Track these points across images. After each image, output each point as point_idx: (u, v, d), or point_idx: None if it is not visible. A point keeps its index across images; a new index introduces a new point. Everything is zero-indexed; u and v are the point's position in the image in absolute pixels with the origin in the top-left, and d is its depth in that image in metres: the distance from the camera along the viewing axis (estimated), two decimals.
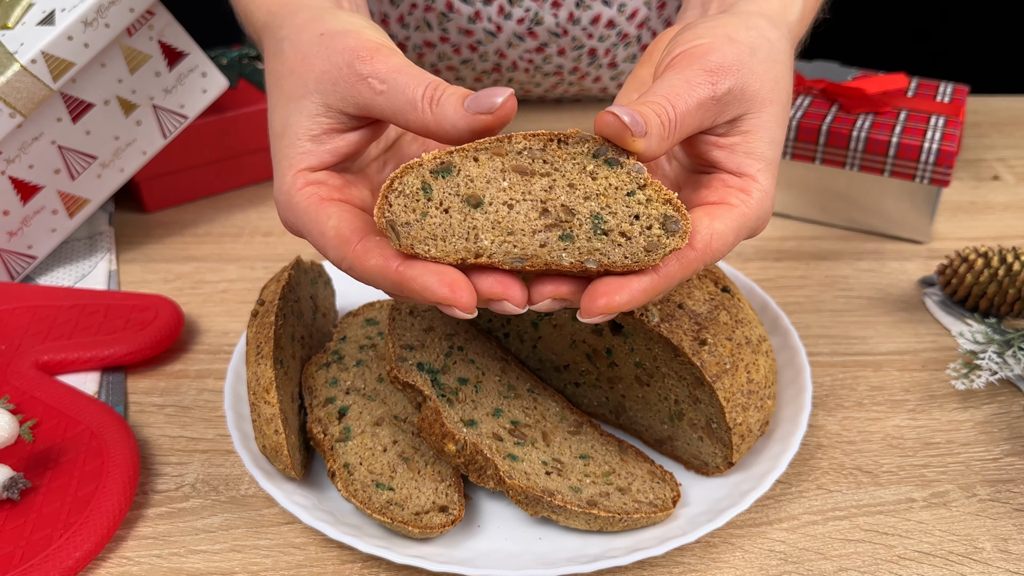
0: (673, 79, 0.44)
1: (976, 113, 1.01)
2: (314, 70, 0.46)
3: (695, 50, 0.46)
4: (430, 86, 0.43)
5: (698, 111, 0.44)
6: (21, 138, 0.69)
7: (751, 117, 0.46)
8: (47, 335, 0.66)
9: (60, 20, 0.67)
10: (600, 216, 0.41)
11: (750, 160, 0.46)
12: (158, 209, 0.85)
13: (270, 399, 0.52)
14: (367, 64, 0.44)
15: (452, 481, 0.52)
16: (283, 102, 0.47)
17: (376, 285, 0.43)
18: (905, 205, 0.78)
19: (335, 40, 0.46)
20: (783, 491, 0.56)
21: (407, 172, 0.41)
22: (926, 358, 0.67)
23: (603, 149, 0.41)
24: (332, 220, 0.44)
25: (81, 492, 0.53)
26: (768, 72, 0.47)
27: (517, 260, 0.41)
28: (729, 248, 0.44)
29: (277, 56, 0.49)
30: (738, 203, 0.45)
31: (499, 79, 0.96)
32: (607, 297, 0.41)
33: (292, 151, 0.46)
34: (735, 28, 0.47)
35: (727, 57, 0.45)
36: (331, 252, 0.44)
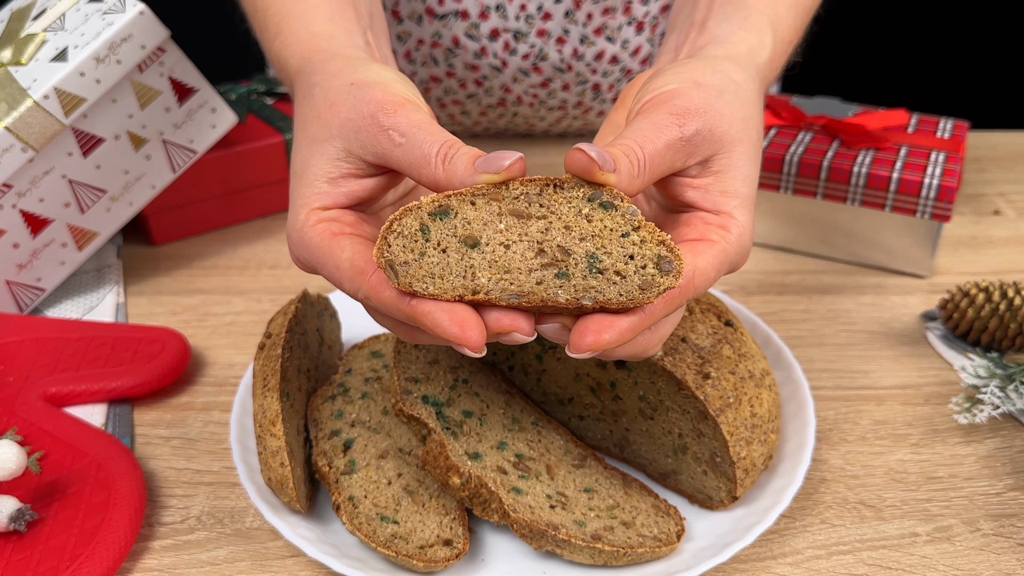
0: (641, 123, 0.45)
1: (977, 148, 1.01)
2: (339, 116, 0.47)
3: (662, 95, 0.47)
4: (445, 144, 0.44)
5: (667, 152, 0.45)
6: (32, 172, 0.69)
7: (721, 157, 0.47)
8: (55, 367, 0.67)
9: (73, 57, 0.68)
10: (595, 256, 0.42)
11: (725, 198, 0.47)
12: (166, 242, 0.85)
13: (276, 432, 0.52)
14: (390, 117, 0.46)
15: (456, 514, 0.53)
16: (306, 144, 0.49)
17: (389, 315, 0.44)
18: (907, 240, 0.78)
19: (363, 91, 0.47)
20: (787, 525, 0.56)
21: (406, 214, 0.42)
22: (929, 392, 0.67)
23: (598, 194, 0.42)
24: (346, 252, 0.45)
25: (87, 524, 0.54)
26: (736, 113, 0.48)
27: (513, 297, 0.42)
28: (711, 283, 0.45)
29: (307, 100, 0.50)
30: (718, 239, 0.46)
31: (504, 113, 0.97)
32: (595, 335, 0.42)
33: (308, 191, 0.47)
34: (701, 72, 0.49)
35: (693, 101, 0.46)
36: (346, 284, 0.45)
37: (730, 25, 0.55)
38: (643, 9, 0.90)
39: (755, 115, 0.50)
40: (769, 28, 0.55)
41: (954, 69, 1.82)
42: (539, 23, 0.88)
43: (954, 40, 1.80)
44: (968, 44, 1.81)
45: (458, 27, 0.88)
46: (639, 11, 0.90)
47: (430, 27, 0.89)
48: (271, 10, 0.57)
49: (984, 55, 1.81)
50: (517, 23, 0.87)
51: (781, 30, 0.56)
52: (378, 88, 0.47)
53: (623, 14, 0.89)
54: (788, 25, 0.57)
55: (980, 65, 1.82)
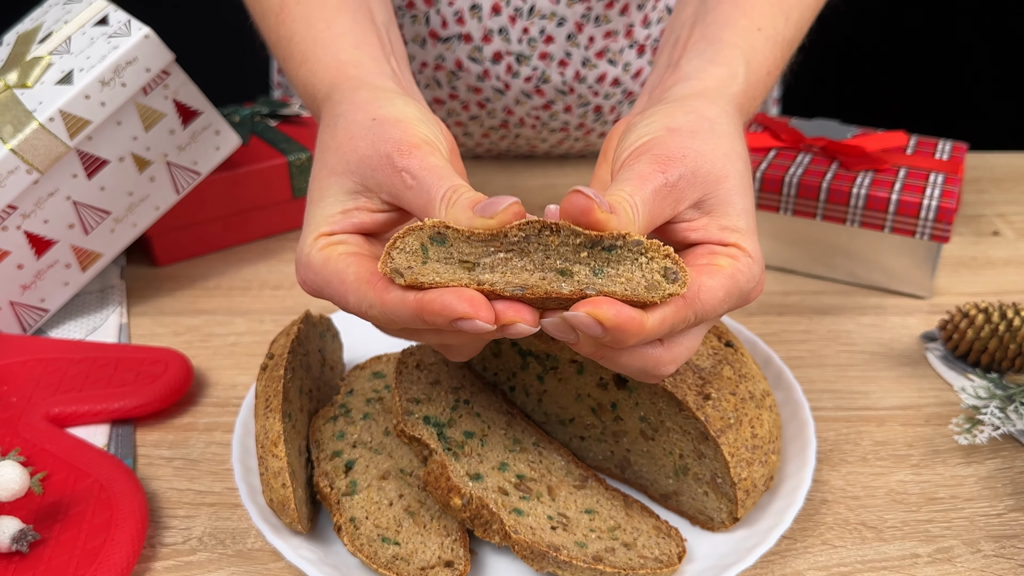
0: (626, 174, 0.46)
1: (976, 169, 1.02)
2: (358, 152, 0.48)
3: (640, 148, 0.48)
4: (451, 189, 0.45)
5: (655, 199, 0.45)
6: (37, 194, 0.70)
7: (711, 197, 0.47)
8: (58, 388, 0.67)
9: (78, 80, 0.69)
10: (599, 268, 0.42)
11: (727, 233, 0.47)
12: (169, 263, 0.86)
13: (278, 452, 0.52)
14: (404, 159, 0.46)
15: (458, 536, 0.53)
16: (324, 174, 0.50)
17: (397, 319, 0.44)
18: (906, 261, 0.79)
19: (383, 128, 0.48)
20: (788, 547, 0.56)
21: (409, 233, 0.42)
22: (929, 413, 0.67)
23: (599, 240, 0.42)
24: (352, 268, 0.46)
25: (90, 545, 0.54)
26: (715, 150, 0.48)
27: (517, 289, 0.42)
28: (720, 304, 0.45)
29: (330, 130, 0.51)
30: (726, 264, 0.46)
31: (506, 135, 0.98)
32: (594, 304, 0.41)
33: (321, 218, 0.48)
34: (672, 117, 0.49)
35: (671, 147, 0.47)
36: (352, 296, 0.45)
37: (700, 61, 0.55)
38: (644, 32, 0.90)
39: (736, 147, 0.50)
40: (742, 60, 0.55)
41: (953, 91, 1.83)
42: (541, 46, 0.88)
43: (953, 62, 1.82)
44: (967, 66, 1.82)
45: (461, 50, 0.89)
46: (640, 34, 0.90)
47: (433, 50, 0.89)
48: (295, 38, 0.58)
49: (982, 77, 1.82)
50: (520, 46, 0.88)
51: (756, 61, 0.56)
52: (398, 128, 0.48)
53: (625, 37, 0.90)
54: (764, 56, 0.57)
55: (979, 87, 1.83)
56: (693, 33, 0.57)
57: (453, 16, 0.87)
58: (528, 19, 0.87)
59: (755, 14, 0.57)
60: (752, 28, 0.57)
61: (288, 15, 0.59)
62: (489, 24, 0.87)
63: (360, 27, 0.57)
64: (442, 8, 0.87)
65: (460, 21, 0.87)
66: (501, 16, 0.87)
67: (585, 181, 0.98)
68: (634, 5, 0.89)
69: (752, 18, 0.57)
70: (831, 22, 0.66)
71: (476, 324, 0.41)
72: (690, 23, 0.58)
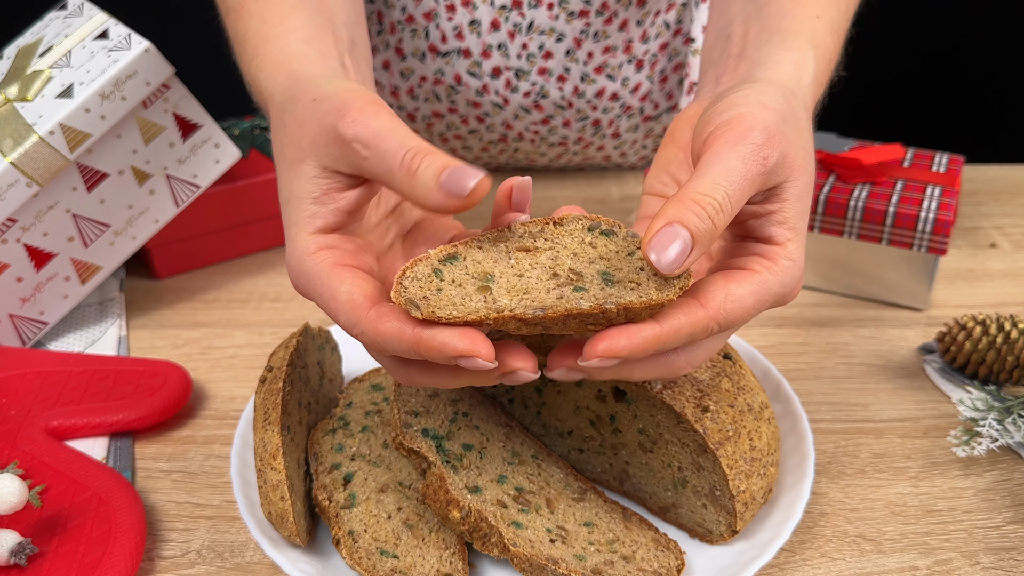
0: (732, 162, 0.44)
1: (973, 182, 1.02)
2: (308, 135, 0.47)
3: (736, 120, 0.46)
4: (408, 153, 0.44)
5: (750, 188, 0.44)
6: (37, 207, 0.70)
7: (789, 185, 0.47)
8: (57, 400, 0.67)
9: (78, 93, 0.69)
10: (607, 272, 0.43)
11: (780, 229, 0.47)
12: (168, 275, 0.86)
13: (277, 465, 0.52)
14: (350, 127, 0.45)
15: (456, 548, 0.53)
16: (285, 169, 0.49)
17: (390, 350, 0.43)
18: (904, 273, 0.79)
19: (324, 103, 0.47)
20: (787, 559, 0.56)
21: (417, 263, 0.42)
22: (927, 425, 0.67)
23: (596, 224, 0.43)
24: (345, 285, 0.45)
25: (88, 558, 0.54)
26: (798, 139, 0.47)
27: (538, 310, 0.41)
28: (747, 312, 0.44)
29: (280, 127, 0.50)
30: (760, 269, 0.45)
31: (505, 149, 0.98)
32: (608, 340, 0.41)
33: (298, 215, 0.47)
34: (765, 96, 0.48)
35: (770, 126, 0.45)
36: (342, 317, 0.44)
37: (770, 48, 0.54)
38: (643, 47, 0.91)
39: (811, 144, 0.49)
40: (810, 45, 0.54)
41: (950, 104, 1.83)
42: (540, 62, 0.89)
43: (950, 75, 1.82)
44: (964, 79, 1.82)
45: (460, 65, 0.89)
46: (639, 49, 0.91)
47: (433, 64, 0.90)
48: (249, 34, 0.58)
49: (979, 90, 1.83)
50: (519, 62, 0.89)
51: (820, 47, 0.55)
52: (336, 98, 0.47)
53: (623, 52, 0.91)
54: (827, 44, 0.56)
55: (976, 100, 1.83)
56: (751, 27, 0.56)
57: (452, 31, 0.87)
58: (527, 35, 0.87)
59: (812, 4, 0.56)
60: (811, 16, 0.56)
61: (246, 11, 0.58)
62: (488, 39, 0.87)
63: (313, 24, 0.56)
64: (441, 23, 0.87)
65: (459, 36, 0.88)
66: (500, 32, 0.87)
67: (584, 195, 0.99)
68: (633, 21, 0.89)
69: (809, 7, 0.56)
70: None
71: (476, 362, 0.41)
72: (742, 18, 0.57)
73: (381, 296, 0.45)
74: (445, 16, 0.87)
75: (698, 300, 0.44)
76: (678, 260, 0.41)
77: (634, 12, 0.89)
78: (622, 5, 0.87)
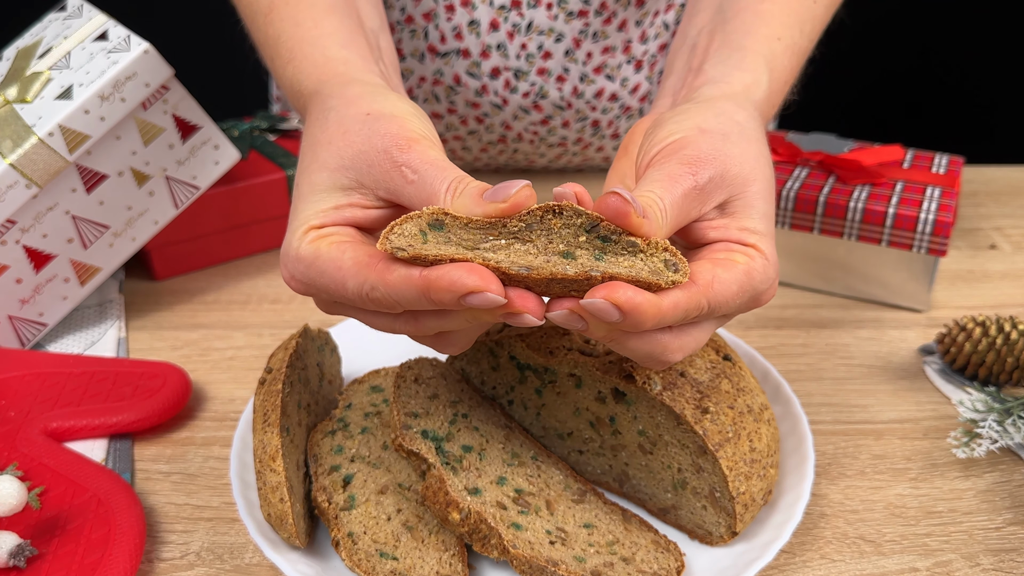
0: (655, 174, 0.46)
1: (973, 183, 1.02)
2: (353, 147, 0.47)
3: (671, 146, 0.48)
4: (455, 180, 0.44)
5: (684, 201, 0.45)
6: (36, 208, 0.70)
7: (737, 199, 0.48)
8: (56, 402, 0.67)
9: (77, 95, 0.69)
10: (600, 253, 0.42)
11: (746, 234, 0.47)
12: (167, 277, 0.86)
13: (276, 467, 0.52)
14: (404, 153, 0.46)
15: (456, 550, 0.53)
16: (315, 167, 0.48)
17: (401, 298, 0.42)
18: (903, 274, 0.79)
19: (379, 123, 0.47)
20: (787, 561, 0.56)
21: (407, 220, 0.42)
22: (927, 426, 0.67)
23: (597, 226, 0.42)
24: (348, 253, 0.44)
25: (87, 560, 0.53)
26: (744, 153, 0.48)
27: (522, 268, 0.41)
28: (732, 297, 0.45)
29: (320, 123, 0.50)
30: (743, 260, 0.46)
31: (504, 149, 0.98)
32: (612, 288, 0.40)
33: (309, 213, 0.47)
34: (704, 117, 0.49)
35: (702, 148, 0.47)
36: (351, 281, 0.44)
37: (725, 67, 0.56)
38: (642, 48, 0.91)
39: (763, 152, 0.50)
40: (765, 67, 0.56)
41: (949, 105, 1.83)
42: (539, 62, 0.89)
43: (949, 76, 1.82)
44: (963, 80, 1.83)
45: (460, 65, 0.89)
46: (638, 50, 0.91)
47: (432, 65, 0.90)
48: (283, 37, 0.58)
49: (979, 91, 1.83)
50: (518, 62, 0.89)
51: (777, 70, 0.57)
52: (394, 122, 0.47)
53: (622, 53, 0.91)
54: (784, 66, 0.58)
55: (975, 101, 1.84)
56: (713, 40, 0.58)
57: (451, 31, 0.87)
58: (526, 35, 0.87)
59: (775, 24, 0.58)
60: (772, 37, 0.57)
61: (276, 15, 0.59)
62: (487, 40, 0.87)
63: (347, 28, 0.57)
64: (440, 23, 0.87)
65: (458, 36, 0.88)
66: (499, 32, 0.87)
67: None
68: (632, 21, 0.89)
69: (772, 28, 0.58)
70: (827, 37, 0.67)
71: (487, 297, 0.40)
72: (708, 30, 0.59)
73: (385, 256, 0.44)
74: (444, 16, 0.87)
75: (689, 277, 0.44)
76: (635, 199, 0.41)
77: (633, 12, 0.89)
78: (621, 5, 0.88)
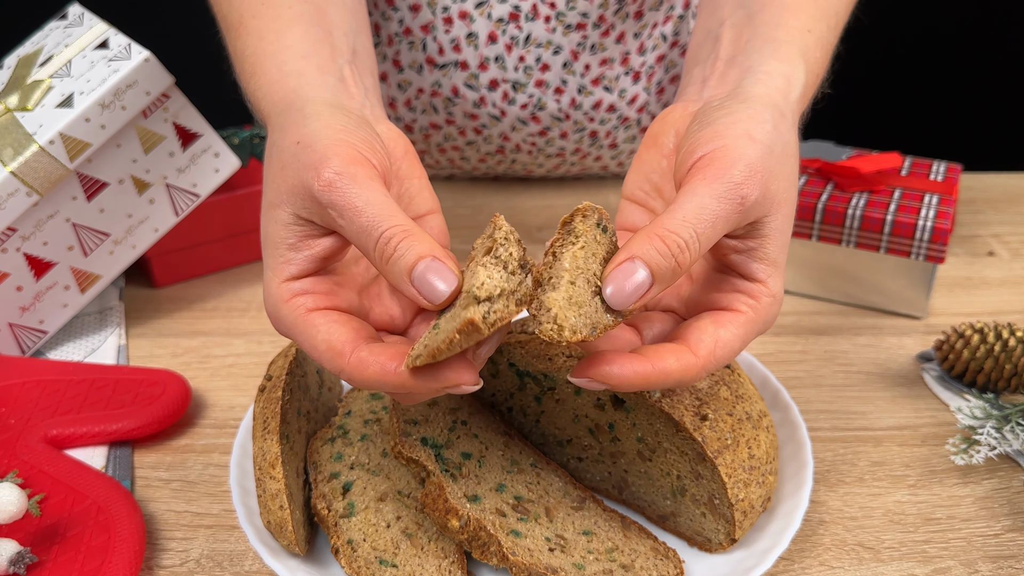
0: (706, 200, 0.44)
1: (971, 190, 1.03)
2: (287, 182, 0.47)
3: (717, 153, 0.46)
4: (382, 238, 0.44)
5: (725, 227, 0.44)
6: (37, 216, 0.70)
7: (769, 220, 0.47)
8: (56, 409, 0.67)
9: (78, 103, 0.69)
10: None
11: (763, 266, 0.47)
12: (168, 284, 0.86)
13: (276, 474, 0.52)
14: (325, 193, 0.45)
15: (455, 558, 0.53)
16: (265, 208, 0.49)
17: (379, 391, 0.45)
18: (902, 281, 0.79)
19: (305, 153, 0.47)
20: (786, 568, 0.56)
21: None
22: (926, 433, 0.67)
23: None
24: (320, 333, 0.45)
25: (87, 567, 0.54)
26: (783, 170, 0.47)
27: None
28: (735, 353, 0.46)
29: (268, 159, 0.50)
30: (746, 310, 0.46)
31: (503, 160, 0.98)
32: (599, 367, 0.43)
33: (274, 260, 0.48)
34: (752, 124, 0.47)
35: (752, 163, 0.45)
36: (326, 364, 0.45)
37: (762, 55, 0.54)
38: (640, 60, 0.91)
39: (796, 170, 0.49)
40: (800, 59, 0.54)
41: (947, 112, 1.84)
42: (537, 74, 0.89)
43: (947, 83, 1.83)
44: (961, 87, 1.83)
45: (458, 77, 0.89)
46: (636, 62, 0.91)
47: (430, 76, 0.90)
48: (247, 52, 0.57)
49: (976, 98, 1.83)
50: (516, 74, 0.89)
51: (811, 62, 0.55)
52: (316, 151, 0.46)
53: (620, 65, 0.91)
54: (816, 59, 0.56)
55: (973, 108, 1.84)
56: (742, 33, 0.56)
57: (450, 44, 0.88)
58: (524, 47, 0.88)
59: (803, 16, 0.56)
60: (803, 29, 0.56)
61: (244, 29, 0.58)
62: (485, 52, 0.88)
63: (310, 38, 0.56)
64: (439, 35, 0.88)
65: (456, 49, 0.88)
66: (497, 44, 0.87)
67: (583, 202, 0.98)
68: (630, 33, 0.89)
69: (801, 20, 0.56)
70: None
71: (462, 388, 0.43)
72: (731, 23, 0.57)
73: (358, 337, 0.45)
74: (442, 29, 0.87)
75: (689, 347, 0.45)
76: (632, 296, 0.42)
77: (631, 24, 0.89)
78: (619, 18, 0.88)
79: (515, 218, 0.96)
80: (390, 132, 0.54)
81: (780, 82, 0.52)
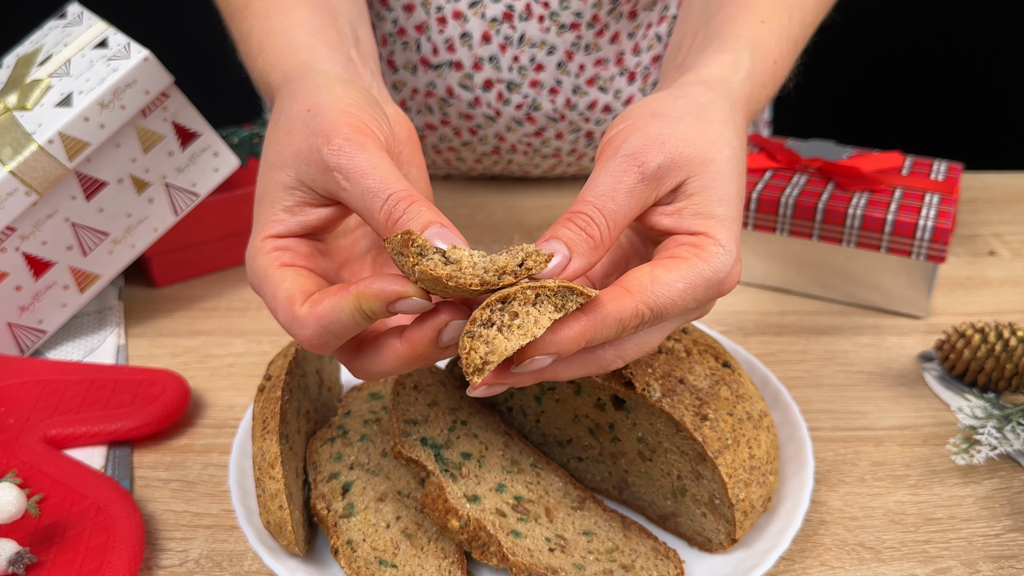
0: (601, 177, 0.46)
1: (971, 189, 1.02)
2: (293, 145, 0.47)
3: (618, 135, 0.47)
4: (391, 199, 0.44)
5: (630, 199, 0.45)
6: (36, 215, 0.70)
7: (693, 180, 0.47)
8: (55, 409, 0.67)
9: (77, 102, 0.69)
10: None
11: (699, 219, 0.46)
12: (167, 284, 0.86)
13: (275, 474, 0.52)
14: (335, 156, 0.45)
15: (455, 558, 0.53)
16: (265, 170, 0.49)
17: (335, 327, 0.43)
18: (903, 281, 0.79)
19: (315, 120, 0.47)
20: (787, 568, 0.56)
21: None
22: (926, 433, 0.67)
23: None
24: (286, 283, 0.45)
25: (86, 568, 0.53)
26: (701, 135, 0.47)
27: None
28: (677, 296, 0.44)
29: (273, 122, 0.50)
30: (688, 256, 0.45)
31: (498, 160, 0.98)
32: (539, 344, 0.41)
33: (265, 217, 0.48)
34: (660, 102, 0.49)
35: (649, 134, 0.46)
36: (280, 314, 0.45)
37: (704, 54, 0.55)
38: (635, 60, 0.91)
39: (726, 134, 0.49)
40: (746, 47, 0.55)
41: (948, 111, 1.84)
42: (532, 74, 0.89)
43: (948, 83, 1.83)
44: (962, 86, 1.83)
45: (452, 77, 0.89)
46: (631, 62, 0.91)
47: (425, 77, 0.90)
48: (254, 31, 0.58)
49: (978, 97, 1.83)
50: (510, 74, 0.89)
51: (762, 49, 0.55)
52: (329, 117, 0.47)
53: (615, 65, 0.91)
54: (770, 45, 0.56)
55: (974, 107, 1.84)
56: (697, 36, 0.57)
57: (444, 44, 0.88)
58: (518, 47, 0.87)
59: (759, 10, 0.57)
60: (755, 20, 0.56)
61: (250, 11, 0.59)
62: (480, 52, 0.88)
63: (317, 18, 0.56)
64: (433, 36, 0.87)
65: (451, 49, 0.88)
66: (491, 44, 0.87)
67: None
68: (624, 33, 0.89)
69: (755, 13, 0.57)
70: (828, 44, 0.67)
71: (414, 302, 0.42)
72: (693, 30, 0.58)
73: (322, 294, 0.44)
74: (436, 29, 0.87)
75: (623, 286, 0.43)
76: (555, 269, 0.43)
77: (625, 24, 0.89)
78: (613, 18, 0.88)
79: (514, 218, 0.96)
80: (396, 115, 0.54)
81: (716, 69, 0.53)
